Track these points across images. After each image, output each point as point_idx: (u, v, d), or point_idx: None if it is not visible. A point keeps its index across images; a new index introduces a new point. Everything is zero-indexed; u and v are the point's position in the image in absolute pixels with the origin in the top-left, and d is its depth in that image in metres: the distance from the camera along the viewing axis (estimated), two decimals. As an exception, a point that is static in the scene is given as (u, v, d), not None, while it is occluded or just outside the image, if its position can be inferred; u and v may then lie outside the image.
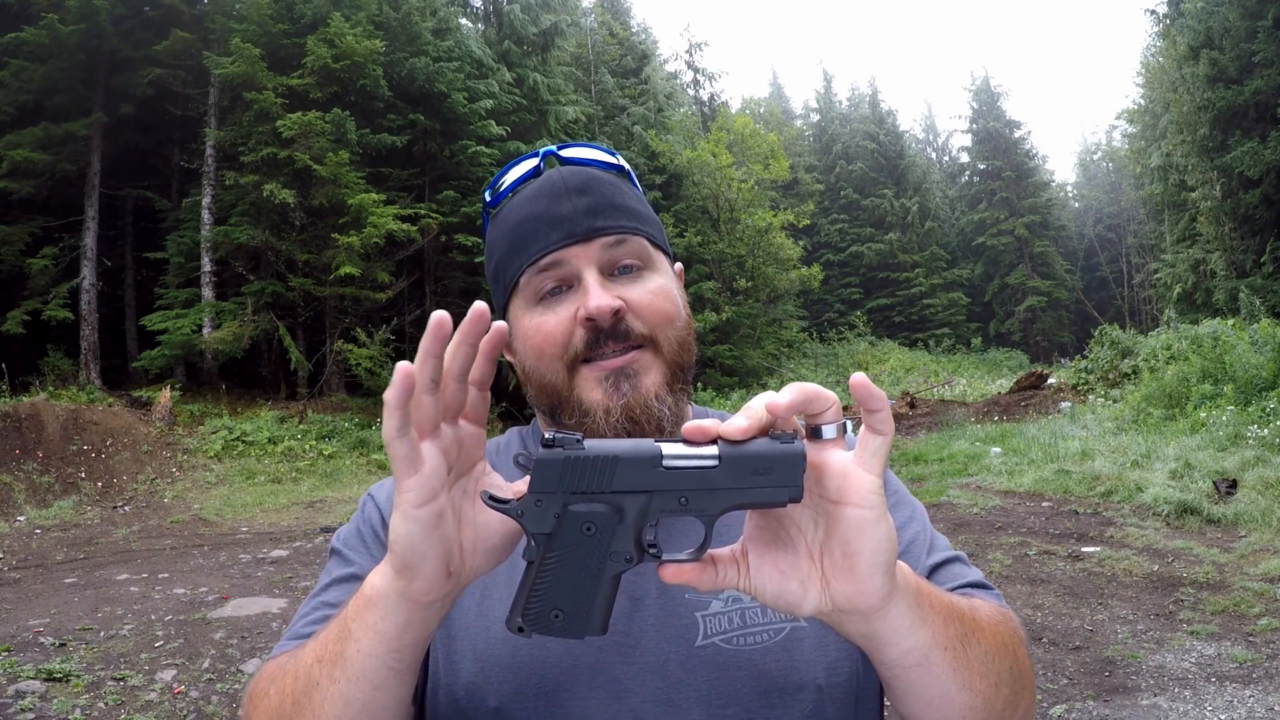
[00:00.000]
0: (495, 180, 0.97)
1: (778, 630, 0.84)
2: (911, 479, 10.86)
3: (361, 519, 0.96)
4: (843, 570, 0.63)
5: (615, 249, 0.90)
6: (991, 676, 0.73)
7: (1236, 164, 21.45)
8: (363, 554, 0.92)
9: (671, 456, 0.60)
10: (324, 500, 12.52)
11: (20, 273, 16.45)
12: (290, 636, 0.87)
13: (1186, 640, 4.94)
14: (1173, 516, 7.72)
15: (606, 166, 0.96)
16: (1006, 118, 50.63)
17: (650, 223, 0.95)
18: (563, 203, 0.90)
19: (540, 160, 0.96)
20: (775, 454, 0.60)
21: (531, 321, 0.90)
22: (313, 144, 16.91)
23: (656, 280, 0.91)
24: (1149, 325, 34.25)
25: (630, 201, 0.94)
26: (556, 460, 0.59)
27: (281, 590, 6.96)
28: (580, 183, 0.91)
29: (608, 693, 0.81)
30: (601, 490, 0.60)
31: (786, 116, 59.05)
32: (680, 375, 0.91)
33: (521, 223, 0.91)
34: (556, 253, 0.88)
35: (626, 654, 0.82)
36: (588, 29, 31.67)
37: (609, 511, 0.60)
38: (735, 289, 29.72)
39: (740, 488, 0.60)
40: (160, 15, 18.00)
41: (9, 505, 11.18)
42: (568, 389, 0.88)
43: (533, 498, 0.60)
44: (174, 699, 4.64)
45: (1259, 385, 11.28)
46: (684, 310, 0.94)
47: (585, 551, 0.61)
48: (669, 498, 0.60)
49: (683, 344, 0.91)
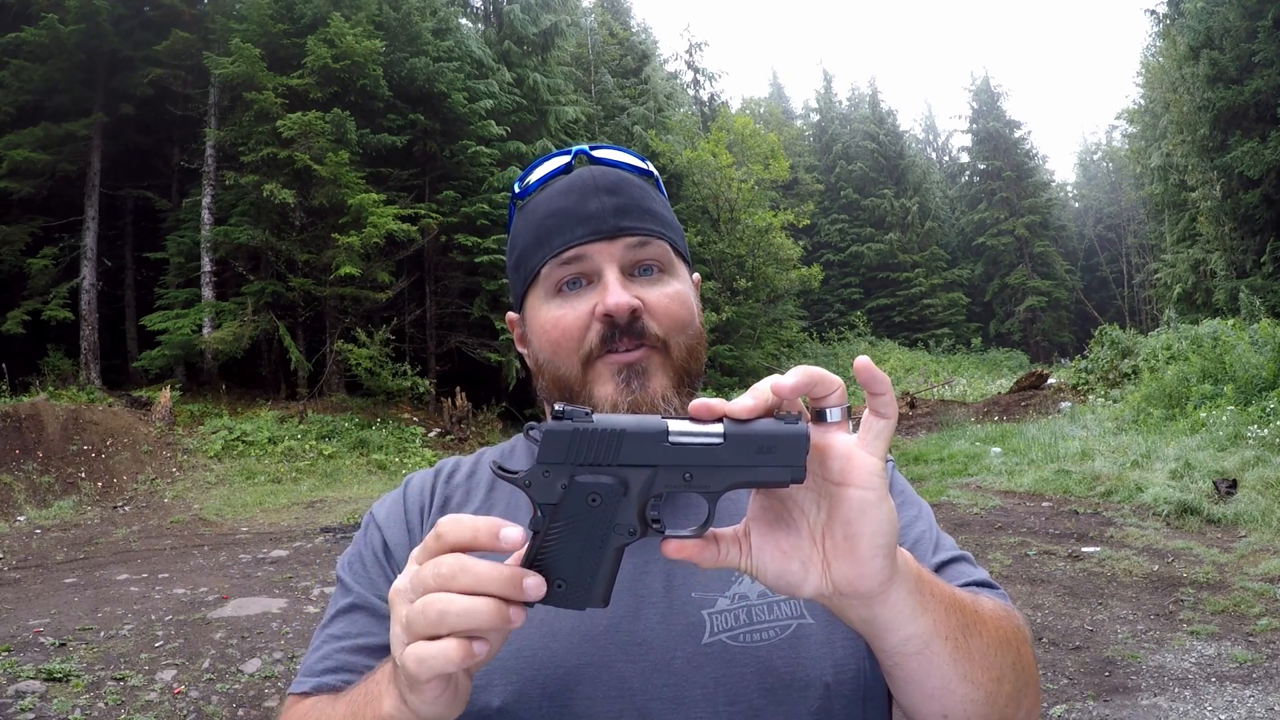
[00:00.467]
0: (525, 173, 0.98)
1: (784, 627, 0.84)
2: (912, 479, 10.86)
3: (364, 542, 0.97)
4: (844, 552, 0.64)
5: (638, 250, 0.91)
6: (993, 670, 0.73)
7: (1236, 164, 21.45)
8: (362, 579, 0.93)
9: (677, 433, 0.61)
10: (324, 500, 12.52)
11: (20, 273, 16.45)
12: (304, 672, 0.89)
13: (1186, 640, 4.93)
14: (1173, 516, 7.72)
15: (636, 171, 0.98)
16: (1006, 118, 50.63)
17: (674, 230, 0.97)
18: (591, 200, 0.91)
19: (572, 158, 0.97)
20: (779, 434, 0.61)
21: (549, 314, 0.91)
22: (313, 144, 16.91)
23: (674, 285, 0.92)
24: (1149, 325, 34.25)
25: (657, 206, 0.95)
26: (565, 431, 0.60)
27: (281, 590, 6.96)
28: (610, 183, 0.93)
29: (613, 691, 0.81)
30: (608, 463, 0.61)
31: (786, 116, 59.05)
32: (688, 380, 0.92)
33: (549, 216, 0.92)
34: (580, 247, 0.89)
35: (632, 652, 0.82)
36: (588, 29, 31.68)
37: (615, 484, 0.61)
38: (735, 289, 29.73)
39: (744, 465, 0.61)
40: (160, 15, 18.00)
41: (9, 505, 11.18)
42: (581, 383, 0.89)
43: (540, 468, 0.61)
44: (174, 699, 4.64)
45: (1259, 385, 11.28)
46: (698, 319, 0.95)
47: (590, 523, 0.61)
48: (673, 473, 0.61)
49: (692, 351, 0.93)
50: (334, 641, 0.89)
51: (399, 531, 0.95)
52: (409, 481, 1.02)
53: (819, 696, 0.82)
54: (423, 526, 0.95)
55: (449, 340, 21.14)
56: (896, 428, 0.65)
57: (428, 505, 0.97)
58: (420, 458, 15.91)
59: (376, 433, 16.41)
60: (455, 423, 18.02)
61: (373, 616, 0.90)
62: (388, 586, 0.89)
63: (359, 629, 0.89)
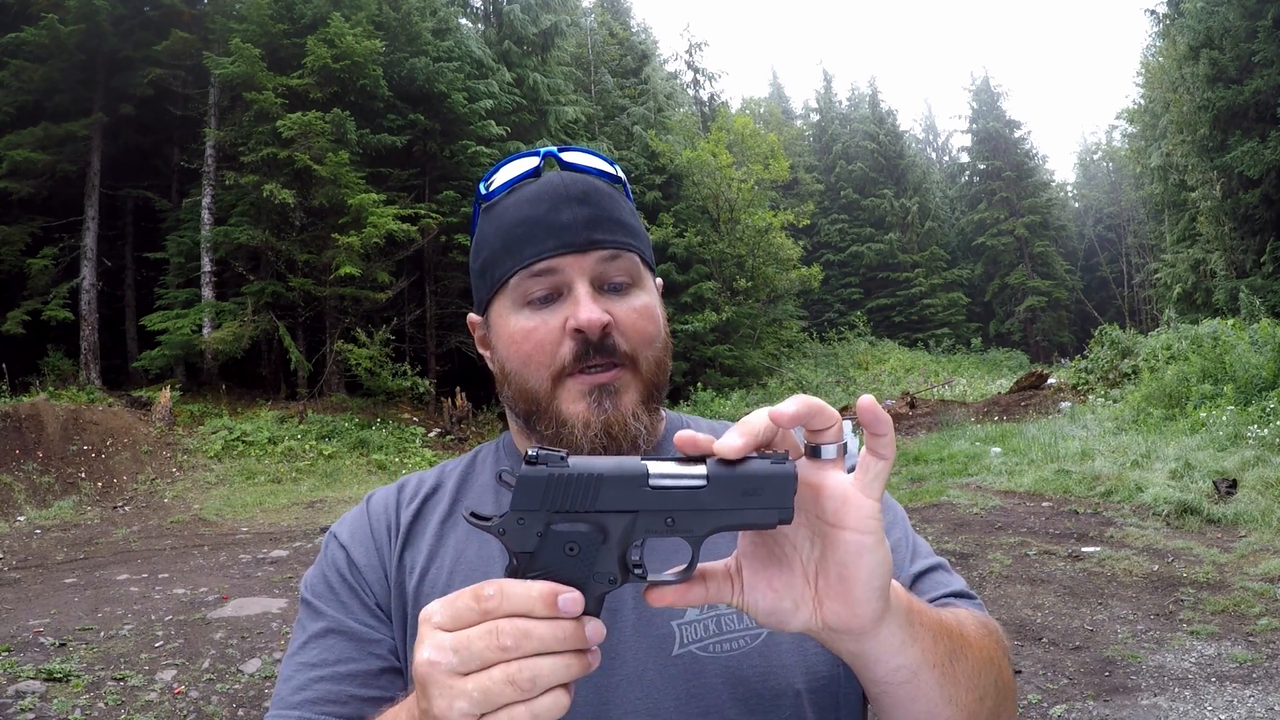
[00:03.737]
0: (491, 174, 0.96)
1: (754, 636, 0.84)
2: (911, 479, 10.87)
3: (326, 562, 0.93)
4: (837, 593, 0.63)
5: (609, 263, 0.89)
6: (976, 691, 0.73)
7: (1236, 164, 21.44)
8: (332, 603, 0.89)
9: (658, 475, 0.59)
10: (324, 500, 12.52)
11: (20, 273, 16.45)
12: (280, 705, 0.84)
13: (1186, 640, 4.93)
14: (1173, 516, 7.72)
15: (606, 177, 0.95)
16: (1006, 118, 50.61)
17: (642, 239, 0.95)
18: (562, 210, 0.88)
19: (540, 161, 0.94)
20: (766, 474, 0.59)
21: (519, 325, 0.89)
22: (313, 144, 16.92)
23: (643, 299, 0.91)
24: (1149, 325, 34.24)
25: (626, 216, 0.93)
26: (540, 478, 0.58)
27: (281, 590, 6.96)
28: (581, 192, 0.90)
29: (589, 705, 0.80)
30: (585, 510, 0.58)
31: (786, 116, 59.04)
32: (655, 394, 0.91)
33: (518, 224, 0.90)
34: (551, 260, 0.87)
35: (606, 665, 0.81)
36: (588, 29, 31.67)
37: (592, 531, 0.59)
38: (735, 289, 29.71)
39: (728, 509, 0.59)
40: (160, 15, 18.01)
41: (9, 505, 11.18)
42: (549, 398, 0.87)
43: (515, 515, 0.58)
44: (174, 699, 4.64)
45: (1259, 385, 11.28)
46: (664, 330, 0.93)
47: (568, 571, 0.59)
48: (655, 518, 0.59)
49: (659, 364, 0.91)
50: (310, 670, 0.85)
51: (365, 551, 0.92)
52: (370, 498, 0.99)
53: (791, 704, 0.82)
54: (390, 544, 0.93)
55: (449, 340, 21.14)
56: (897, 428, 0.65)
57: (394, 523, 0.95)
58: (420, 458, 15.91)
59: (376, 433, 16.41)
60: (455, 423, 18.02)
61: (351, 641, 0.87)
62: (360, 608, 0.88)
63: (336, 655, 0.86)
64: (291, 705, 0.83)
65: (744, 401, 25.13)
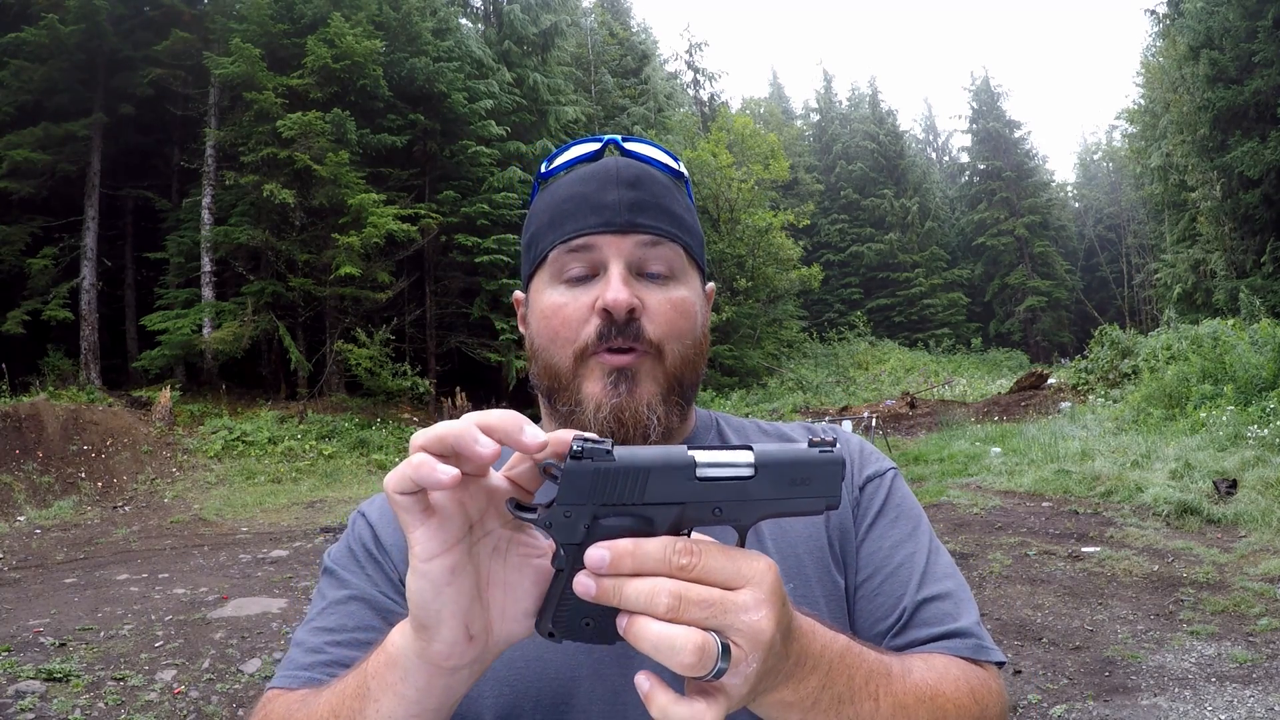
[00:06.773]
0: (554, 154, 0.96)
1: None
2: (911, 479, 10.87)
3: (352, 536, 0.93)
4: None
5: (648, 249, 0.88)
6: None
7: (1236, 164, 21.44)
8: (357, 573, 0.88)
9: (705, 465, 0.58)
10: (324, 500, 12.52)
11: (20, 273, 16.46)
12: (291, 667, 0.83)
13: (1186, 640, 4.93)
14: (1173, 516, 7.72)
15: (666, 169, 0.95)
16: (1006, 118, 50.65)
17: (692, 234, 0.94)
18: (609, 190, 0.89)
19: (602, 146, 0.95)
20: (815, 463, 0.59)
21: (551, 300, 0.89)
22: (313, 144, 16.92)
23: (680, 292, 0.90)
24: (1149, 325, 34.24)
25: (678, 208, 0.93)
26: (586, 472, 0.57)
27: (281, 590, 6.96)
28: (633, 176, 0.90)
29: (606, 704, 0.80)
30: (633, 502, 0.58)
31: (786, 116, 59.06)
32: (678, 390, 0.89)
33: (566, 200, 0.90)
34: (590, 236, 0.87)
35: (624, 662, 0.81)
36: (588, 29, 31.68)
37: (638, 524, 0.58)
38: (735, 289, 29.73)
39: (776, 498, 0.59)
40: (160, 15, 18.01)
41: (9, 505, 11.18)
42: (570, 376, 0.87)
43: (561, 509, 0.57)
44: (174, 699, 4.64)
45: (1259, 385, 11.28)
46: (700, 329, 0.92)
47: None
48: (702, 509, 0.58)
49: (686, 361, 0.90)
50: (327, 634, 0.83)
51: (393, 531, 0.91)
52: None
53: None
54: None
55: (449, 340, 21.14)
56: (897, 428, 0.64)
57: None
58: (420, 458, 15.90)
59: (376, 433, 16.41)
60: (455, 423, 18.02)
61: (373, 610, 0.85)
62: (384, 581, 0.88)
63: (356, 622, 0.85)
64: (302, 666, 0.82)
65: (744, 401, 25.12)
